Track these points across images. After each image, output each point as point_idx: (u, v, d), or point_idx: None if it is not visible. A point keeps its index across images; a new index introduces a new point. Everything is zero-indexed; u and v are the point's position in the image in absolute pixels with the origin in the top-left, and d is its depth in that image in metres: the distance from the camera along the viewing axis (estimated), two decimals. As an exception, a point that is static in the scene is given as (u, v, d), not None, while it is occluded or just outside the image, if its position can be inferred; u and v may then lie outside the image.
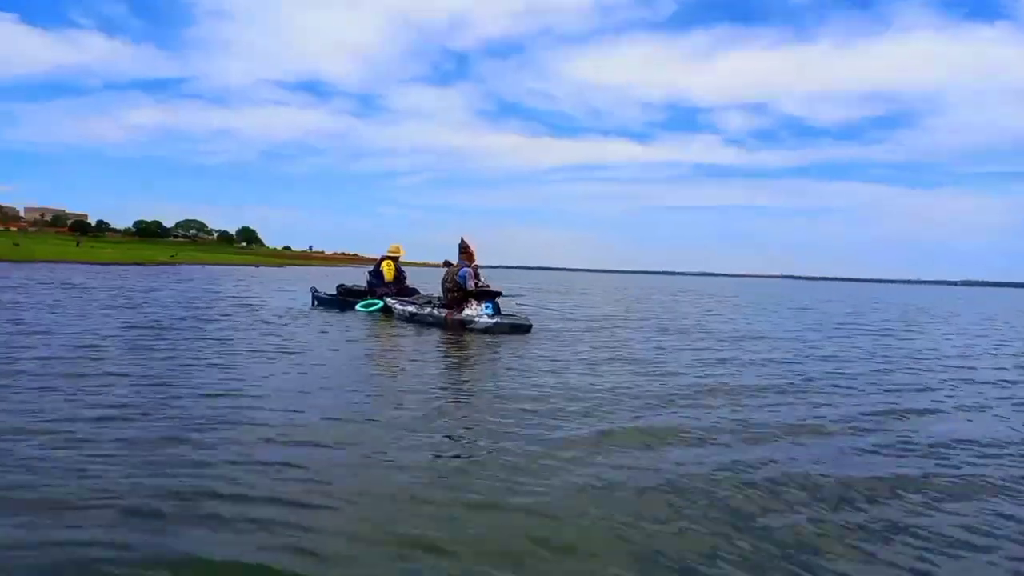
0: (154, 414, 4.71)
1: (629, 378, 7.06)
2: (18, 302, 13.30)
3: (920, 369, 8.82)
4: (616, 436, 4.64)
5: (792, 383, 7.12)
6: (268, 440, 4.21)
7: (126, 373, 6.19)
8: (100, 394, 5.27)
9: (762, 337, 12.30)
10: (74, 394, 5.22)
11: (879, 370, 8.50)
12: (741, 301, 29.31)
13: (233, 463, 3.72)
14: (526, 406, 5.46)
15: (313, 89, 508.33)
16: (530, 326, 11.32)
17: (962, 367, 9.25)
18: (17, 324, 9.55)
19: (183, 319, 11.39)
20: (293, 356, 7.80)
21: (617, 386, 6.52)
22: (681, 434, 4.76)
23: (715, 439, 4.65)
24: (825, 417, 5.50)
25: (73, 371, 6.16)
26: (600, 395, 6.04)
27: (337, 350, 8.65)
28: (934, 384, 7.57)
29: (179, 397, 5.30)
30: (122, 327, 9.76)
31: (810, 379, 7.47)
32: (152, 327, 9.92)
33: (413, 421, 4.87)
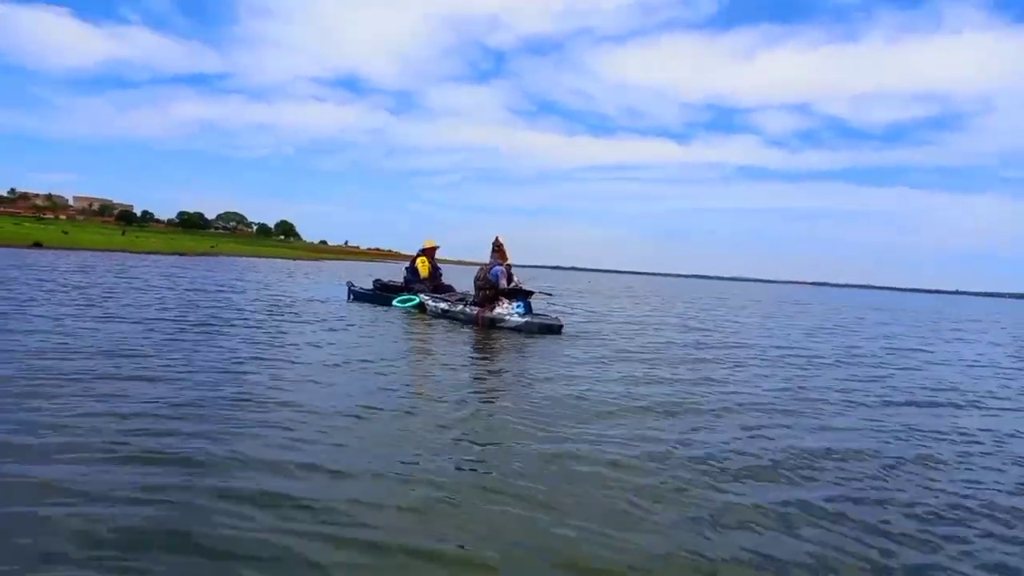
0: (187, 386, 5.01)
1: (653, 384, 7.17)
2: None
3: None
4: (631, 439, 4.77)
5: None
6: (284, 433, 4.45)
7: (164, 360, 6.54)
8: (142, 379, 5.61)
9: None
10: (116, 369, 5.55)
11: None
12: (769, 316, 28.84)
13: (247, 448, 3.96)
14: (547, 408, 5.61)
15: (351, 86, 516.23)
16: (561, 326, 11.41)
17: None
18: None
19: (224, 308, 11.81)
20: (322, 348, 8.06)
21: (639, 391, 6.64)
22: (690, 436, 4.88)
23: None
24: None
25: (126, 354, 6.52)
26: (623, 399, 6.14)
27: (367, 344, 8.86)
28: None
29: (213, 380, 5.60)
30: (159, 320, 10.20)
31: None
32: (192, 321, 10.33)
33: (421, 420, 4.95)
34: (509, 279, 12.04)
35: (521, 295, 11.81)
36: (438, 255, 15.81)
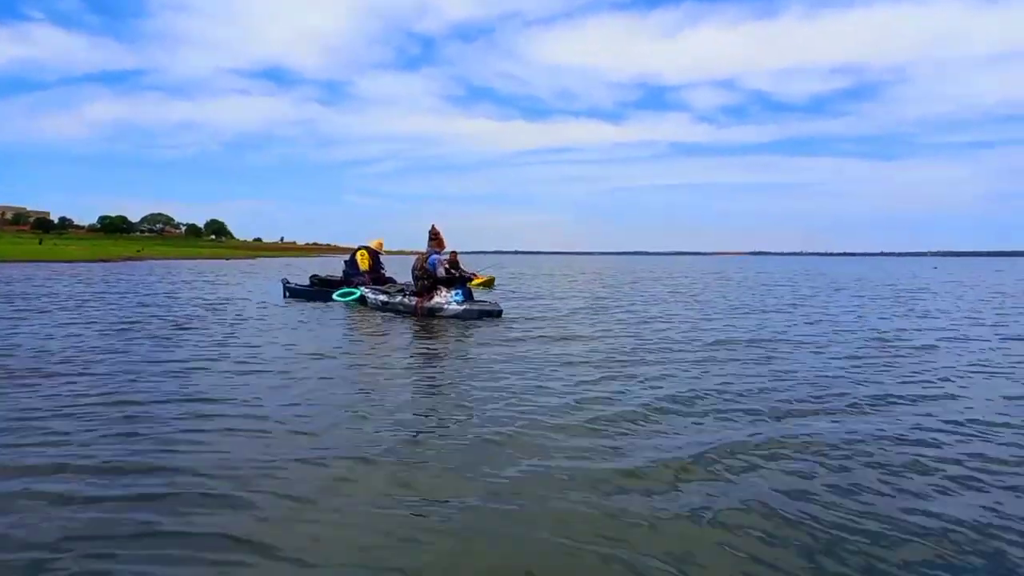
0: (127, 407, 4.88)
1: (596, 365, 7.34)
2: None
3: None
4: (574, 426, 4.86)
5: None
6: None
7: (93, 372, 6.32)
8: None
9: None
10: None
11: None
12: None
13: (195, 457, 3.93)
14: (484, 397, 5.67)
15: (276, 77, 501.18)
16: (500, 311, 11.48)
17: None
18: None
19: (150, 319, 11.41)
20: (254, 352, 7.76)
21: (583, 374, 6.78)
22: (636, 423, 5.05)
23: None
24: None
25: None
26: (566, 386, 6.14)
27: (302, 342, 8.62)
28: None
29: (149, 398, 5.45)
30: (87, 328, 9.77)
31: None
32: (121, 328, 9.96)
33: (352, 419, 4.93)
34: (456, 267, 12.05)
35: (459, 283, 11.84)
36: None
